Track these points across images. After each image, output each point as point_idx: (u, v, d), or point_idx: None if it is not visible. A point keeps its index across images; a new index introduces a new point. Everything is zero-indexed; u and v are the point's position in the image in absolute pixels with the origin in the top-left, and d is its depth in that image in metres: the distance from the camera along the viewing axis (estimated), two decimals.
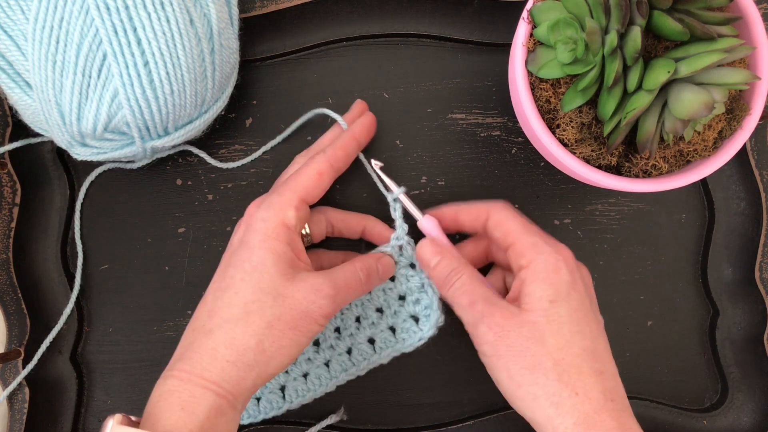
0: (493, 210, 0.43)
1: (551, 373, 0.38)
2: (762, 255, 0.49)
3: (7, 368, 0.48)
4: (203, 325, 0.39)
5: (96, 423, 0.50)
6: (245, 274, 0.39)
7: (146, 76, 0.40)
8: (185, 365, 0.37)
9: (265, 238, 0.40)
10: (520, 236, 0.41)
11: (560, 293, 0.39)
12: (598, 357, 0.39)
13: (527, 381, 0.38)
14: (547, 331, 0.38)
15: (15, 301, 0.49)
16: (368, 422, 0.50)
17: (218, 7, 0.43)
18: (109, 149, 0.44)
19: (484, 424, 0.49)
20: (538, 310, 0.39)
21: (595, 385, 0.38)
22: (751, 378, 0.49)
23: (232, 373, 0.37)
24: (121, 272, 0.50)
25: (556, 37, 0.38)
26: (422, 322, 0.47)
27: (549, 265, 0.40)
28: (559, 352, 0.38)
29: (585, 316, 0.40)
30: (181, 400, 0.36)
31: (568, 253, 0.41)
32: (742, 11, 0.39)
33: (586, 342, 0.39)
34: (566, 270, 0.40)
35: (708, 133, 0.40)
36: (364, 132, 0.47)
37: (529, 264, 0.40)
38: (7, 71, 0.42)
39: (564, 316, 0.39)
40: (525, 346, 0.38)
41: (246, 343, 0.38)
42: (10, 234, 0.49)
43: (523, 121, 0.45)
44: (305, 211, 0.42)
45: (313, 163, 0.43)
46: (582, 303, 0.40)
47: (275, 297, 0.39)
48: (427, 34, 0.50)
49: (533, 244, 0.41)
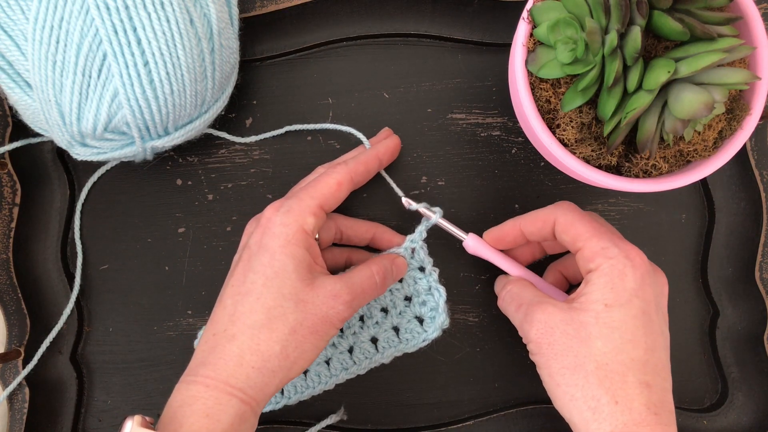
0: (560, 213, 0.42)
1: (592, 377, 0.37)
2: (762, 255, 0.49)
3: (7, 368, 0.48)
4: (225, 330, 0.39)
5: (96, 423, 0.50)
6: (267, 279, 0.39)
7: (146, 76, 0.40)
8: (210, 371, 0.38)
9: (286, 243, 0.40)
10: (589, 240, 0.40)
11: (620, 298, 0.38)
12: (649, 369, 0.37)
13: (566, 381, 0.38)
14: (595, 332, 0.37)
15: (15, 301, 0.49)
16: (368, 422, 0.50)
17: (218, 7, 0.43)
18: (109, 149, 0.44)
19: (484, 424, 0.49)
20: (590, 311, 0.38)
21: (639, 396, 0.36)
22: (751, 378, 0.49)
23: (257, 379, 0.38)
24: (121, 272, 0.50)
25: (556, 37, 0.38)
26: (427, 323, 0.47)
27: (615, 270, 0.39)
28: (604, 357, 0.37)
29: (644, 325, 0.38)
30: (207, 406, 0.36)
31: (640, 259, 0.39)
32: (742, 11, 0.39)
33: (637, 352, 0.37)
34: (633, 276, 0.38)
35: (708, 133, 0.40)
36: (387, 153, 0.47)
37: (597, 268, 0.39)
38: (7, 71, 0.42)
39: (617, 321, 0.38)
40: (568, 345, 0.38)
41: (271, 350, 0.38)
42: (10, 234, 0.49)
43: (523, 121, 0.45)
44: (323, 218, 0.43)
45: (333, 173, 0.43)
46: (644, 312, 0.38)
47: (297, 303, 0.39)
48: (427, 34, 0.50)
49: (603, 249, 0.39)
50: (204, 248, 0.50)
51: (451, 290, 0.50)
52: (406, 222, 0.50)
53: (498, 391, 0.50)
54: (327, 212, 0.43)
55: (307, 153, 0.50)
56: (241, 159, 0.50)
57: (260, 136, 0.50)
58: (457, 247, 0.50)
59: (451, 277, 0.50)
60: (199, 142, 0.50)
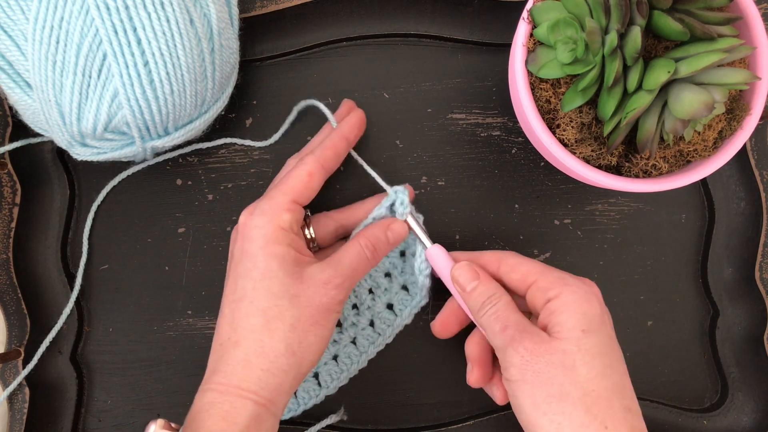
0: (503, 256, 0.43)
1: (579, 405, 0.37)
2: (762, 255, 0.49)
3: (7, 368, 0.48)
4: (229, 338, 0.39)
5: (96, 423, 0.50)
6: (255, 282, 0.40)
7: (146, 76, 0.40)
8: (221, 378, 0.38)
9: (265, 244, 0.40)
10: (542, 273, 0.41)
11: (593, 324, 0.38)
12: (627, 394, 0.38)
13: (553, 409, 0.37)
14: (579, 360, 0.37)
15: (15, 301, 0.49)
16: (368, 422, 0.50)
17: (218, 7, 0.43)
18: (109, 149, 0.44)
19: (484, 424, 0.49)
20: (570, 338, 0.38)
21: (624, 422, 0.37)
22: (751, 378, 0.49)
23: (269, 380, 0.38)
24: (121, 272, 0.50)
25: (556, 37, 0.38)
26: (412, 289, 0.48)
27: (580, 296, 0.39)
28: (589, 383, 0.37)
29: (614, 350, 0.39)
30: (222, 410, 0.37)
31: (596, 288, 0.41)
32: (742, 11, 0.39)
33: (616, 377, 0.38)
34: (597, 301, 0.39)
35: (708, 133, 0.40)
36: (353, 129, 0.47)
37: (559, 295, 0.39)
38: (7, 71, 0.42)
39: (596, 347, 0.38)
40: (553, 374, 0.37)
41: (275, 350, 0.38)
42: (10, 234, 0.49)
43: (523, 121, 0.45)
44: (299, 212, 0.43)
45: (302, 165, 0.43)
46: (611, 337, 0.39)
47: (290, 299, 0.39)
48: (427, 34, 0.50)
49: (559, 278, 0.40)
50: (204, 248, 0.50)
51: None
52: None
53: None
54: (303, 204, 0.43)
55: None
56: (241, 159, 0.50)
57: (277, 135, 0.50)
58: (456, 247, 0.50)
59: None
60: (199, 142, 0.50)
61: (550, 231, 0.50)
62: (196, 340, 0.50)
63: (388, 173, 0.49)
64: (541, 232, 0.50)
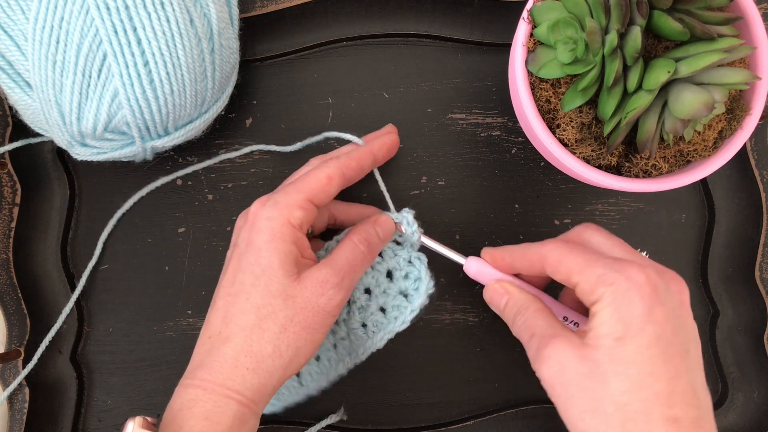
0: (547, 252, 0.40)
1: (613, 420, 0.34)
2: (762, 255, 0.49)
3: (7, 368, 0.48)
4: (219, 333, 0.39)
5: (96, 423, 0.50)
6: (255, 278, 0.39)
7: (146, 76, 0.40)
8: (207, 374, 0.38)
9: (271, 238, 0.39)
10: (583, 272, 0.37)
11: (630, 329, 0.35)
12: (674, 401, 0.34)
13: (587, 426, 0.34)
14: (610, 371, 0.34)
15: (15, 301, 0.49)
16: (368, 422, 0.50)
17: (218, 7, 0.43)
18: (109, 149, 0.44)
19: (484, 424, 0.49)
20: (601, 347, 0.35)
21: None
22: (751, 378, 0.49)
23: (253, 381, 0.37)
24: (121, 272, 0.50)
25: (556, 37, 0.38)
26: (411, 296, 0.46)
27: (618, 297, 0.35)
28: (623, 396, 0.34)
29: (661, 352, 0.34)
30: (205, 409, 0.36)
31: (643, 276, 0.36)
32: (742, 11, 0.39)
33: (659, 385, 0.34)
34: (639, 299, 0.35)
35: (708, 133, 0.40)
36: (383, 149, 0.46)
37: (600, 298, 0.36)
38: (7, 71, 0.42)
39: (632, 355, 0.34)
40: (583, 386, 0.35)
41: (263, 350, 0.38)
42: (10, 234, 0.49)
43: (523, 121, 0.45)
44: (311, 212, 0.42)
45: (324, 167, 0.42)
46: (660, 337, 0.35)
47: (285, 299, 0.39)
48: (427, 34, 0.50)
49: (599, 277, 0.36)
50: (204, 248, 0.50)
51: (452, 290, 0.50)
52: None
53: (498, 391, 0.50)
54: (317, 206, 0.42)
55: (307, 153, 0.50)
56: (241, 159, 0.50)
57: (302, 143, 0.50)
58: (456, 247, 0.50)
59: (451, 278, 0.50)
60: (199, 142, 0.50)
61: (550, 231, 0.50)
62: (196, 340, 0.50)
63: (388, 173, 0.49)
64: (541, 232, 0.50)
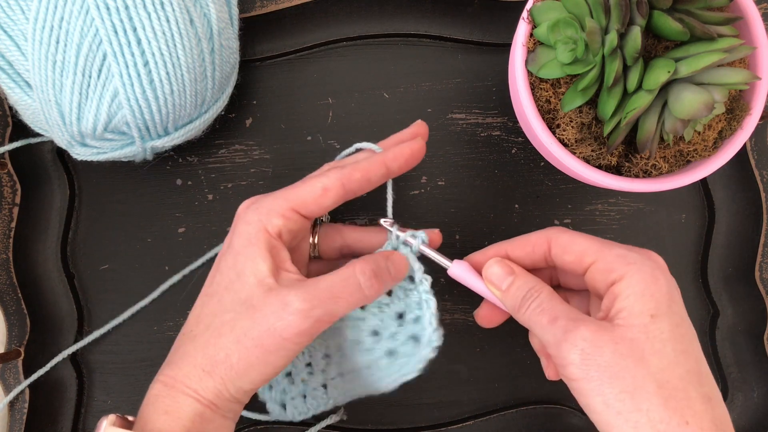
0: (553, 235, 0.39)
1: (655, 398, 0.33)
2: (762, 255, 0.49)
3: (8, 368, 0.48)
4: (190, 331, 0.38)
5: (96, 423, 0.50)
6: (230, 282, 0.38)
7: (146, 76, 0.40)
8: (170, 370, 0.37)
9: (248, 243, 0.38)
10: (601, 251, 0.37)
11: (661, 306, 0.35)
12: (704, 380, 0.35)
13: (628, 407, 0.33)
14: (648, 349, 0.34)
15: (15, 301, 0.49)
16: (368, 422, 0.50)
17: (218, 7, 0.43)
18: (109, 149, 0.44)
19: (484, 424, 0.49)
20: (637, 325, 0.34)
21: (705, 413, 0.34)
22: (751, 378, 0.49)
23: (208, 383, 0.36)
24: (121, 272, 0.50)
25: (556, 37, 0.38)
26: (422, 343, 0.42)
27: (646, 275, 0.35)
28: (662, 374, 0.34)
29: (687, 332, 0.35)
30: (165, 404, 0.36)
31: (661, 260, 0.37)
32: (742, 11, 0.39)
33: (691, 363, 0.35)
34: (664, 279, 0.36)
35: (708, 133, 0.40)
36: (398, 160, 0.41)
37: (623, 277, 0.36)
38: (7, 71, 0.42)
39: (666, 333, 0.34)
40: (622, 365, 0.34)
41: (216, 355, 0.36)
42: (10, 234, 0.49)
43: (523, 121, 0.45)
44: (296, 223, 0.39)
45: (323, 177, 0.39)
46: (683, 318, 0.36)
47: (247, 308, 0.36)
48: (427, 34, 0.50)
49: (620, 256, 0.36)
50: (204, 248, 0.50)
51: (452, 290, 0.50)
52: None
53: (498, 391, 0.50)
54: (307, 217, 0.39)
55: (307, 153, 0.50)
56: (241, 159, 0.51)
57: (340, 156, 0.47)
58: (456, 247, 0.50)
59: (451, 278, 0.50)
60: (199, 142, 0.50)
61: None
62: None
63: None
64: None
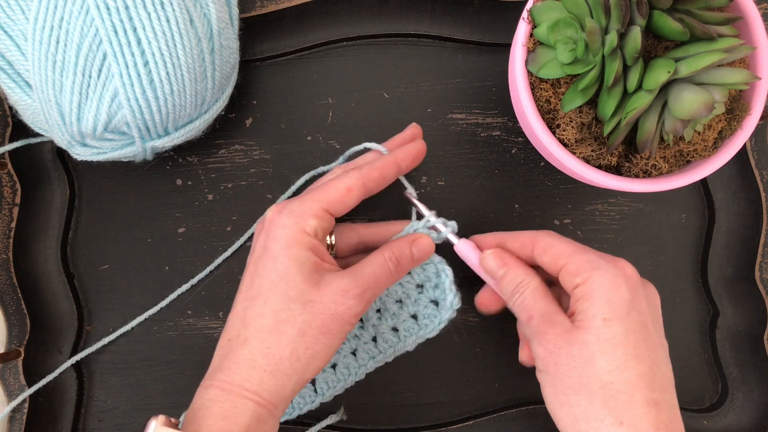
0: (538, 237, 0.42)
1: (596, 397, 0.36)
2: (762, 255, 0.49)
3: (8, 368, 0.48)
4: (238, 335, 0.39)
5: (96, 423, 0.50)
6: (272, 282, 0.39)
7: (146, 76, 0.40)
8: (225, 376, 0.38)
9: (287, 245, 0.40)
10: (573, 255, 0.40)
11: (617, 311, 0.37)
12: (656, 385, 0.37)
13: (570, 401, 0.37)
14: (598, 351, 0.37)
15: (15, 301, 0.49)
16: (368, 422, 0.50)
17: (218, 7, 0.43)
18: (109, 149, 0.44)
19: (484, 424, 0.49)
20: (590, 328, 0.37)
21: (646, 416, 0.35)
22: (751, 378, 0.49)
23: (270, 382, 0.38)
24: (121, 272, 0.50)
25: (556, 37, 0.38)
26: (441, 306, 0.47)
27: (606, 281, 0.38)
28: (608, 375, 0.36)
29: (645, 338, 0.37)
30: (223, 409, 0.37)
31: (630, 269, 0.39)
32: (742, 11, 0.39)
33: (642, 367, 0.37)
34: (626, 287, 0.38)
35: (708, 133, 0.40)
36: (407, 158, 0.45)
37: (585, 281, 0.38)
38: (7, 71, 0.42)
39: (619, 337, 0.37)
40: (572, 365, 0.37)
41: (281, 353, 0.38)
42: (10, 234, 0.49)
43: (523, 121, 0.45)
44: (328, 221, 0.42)
45: (345, 177, 0.42)
46: (643, 324, 0.38)
47: (303, 304, 0.39)
48: (427, 34, 0.50)
49: (588, 261, 0.39)
50: (204, 248, 0.50)
51: None
52: None
53: (498, 391, 0.50)
54: (335, 216, 0.42)
55: (307, 153, 0.50)
56: (241, 159, 0.51)
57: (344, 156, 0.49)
58: None
59: None
60: (199, 142, 0.50)
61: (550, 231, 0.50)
62: (196, 340, 0.50)
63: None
64: None
